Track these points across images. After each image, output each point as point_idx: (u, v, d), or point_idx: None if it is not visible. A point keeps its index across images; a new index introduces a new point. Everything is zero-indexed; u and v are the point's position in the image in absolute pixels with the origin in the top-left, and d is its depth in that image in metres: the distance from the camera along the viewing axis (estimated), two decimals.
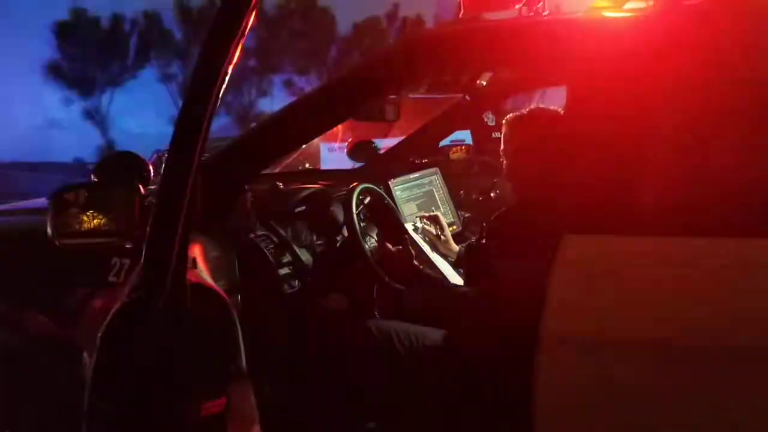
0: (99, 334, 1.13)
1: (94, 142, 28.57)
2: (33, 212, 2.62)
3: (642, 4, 1.52)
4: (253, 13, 1.13)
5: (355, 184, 2.38)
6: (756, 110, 1.27)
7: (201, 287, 1.16)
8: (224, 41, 1.11)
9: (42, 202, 2.65)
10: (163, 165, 1.15)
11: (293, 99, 1.87)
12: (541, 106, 1.96)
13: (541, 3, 1.67)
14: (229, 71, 1.16)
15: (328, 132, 2.06)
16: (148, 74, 29.10)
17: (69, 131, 28.51)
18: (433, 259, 2.40)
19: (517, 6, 1.70)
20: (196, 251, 1.35)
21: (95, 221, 1.63)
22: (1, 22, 28.65)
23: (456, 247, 2.51)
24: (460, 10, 1.81)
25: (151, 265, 1.12)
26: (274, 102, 27.85)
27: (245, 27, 1.11)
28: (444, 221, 2.59)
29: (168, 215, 1.10)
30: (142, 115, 31.53)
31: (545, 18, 1.59)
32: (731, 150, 1.27)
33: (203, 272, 1.27)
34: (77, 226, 1.63)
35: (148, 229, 1.13)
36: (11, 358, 2.10)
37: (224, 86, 1.14)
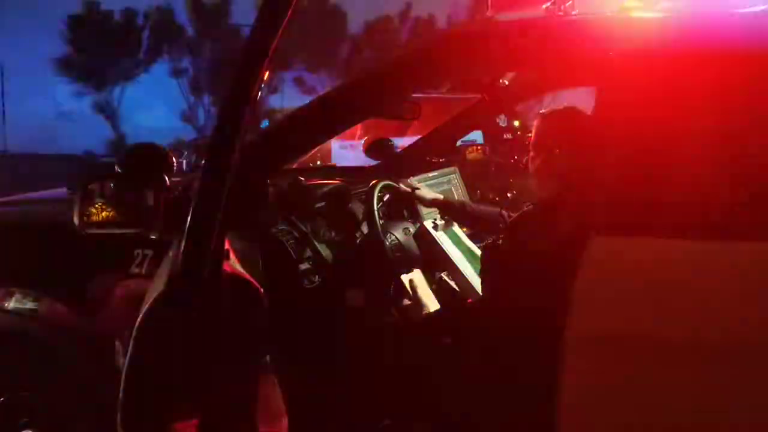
0: (136, 323, 1.13)
1: (105, 135, 28.70)
2: (46, 202, 2.64)
3: (673, 6, 1.51)
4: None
5: (375, 180, 2.37)
6: None
7: (237, 277, 1.16)
8: (264, 41, 1.12)
9: (55, 192, 2.67)
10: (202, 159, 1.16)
11: (304, 96, 1.87)
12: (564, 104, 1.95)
13: (570, 1, 1.66)
14: (266, 75, 1.17)
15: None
16: (160, 69, 29.20)
17: (80, 124, 28.61)
18: (452, 257, 2.39)
19: (544, 5, 1.69)
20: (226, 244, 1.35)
21: (120, 211, 1.64)
22: (14, 15, 28.80)
23: (432, 194, 2.51)
24: (487, 8, 1.80)
25: (189, 255, 1.12)
26: (284, 99, 27.86)
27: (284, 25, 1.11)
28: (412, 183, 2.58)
29: (207, 207, 1.10)
30: (153, 109, 31.57)
31: (579, 17, 1.58)
32: (764, 152, 1.26)
33: (236, 263, 1.27)
34: (102, 216, 1.63)
35: (188, 220, 1.13)
36: (30, 347, 2.11)
37: (263, 85, 1.15)
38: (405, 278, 2.28)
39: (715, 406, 1.22)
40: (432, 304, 2.29)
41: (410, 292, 2.28)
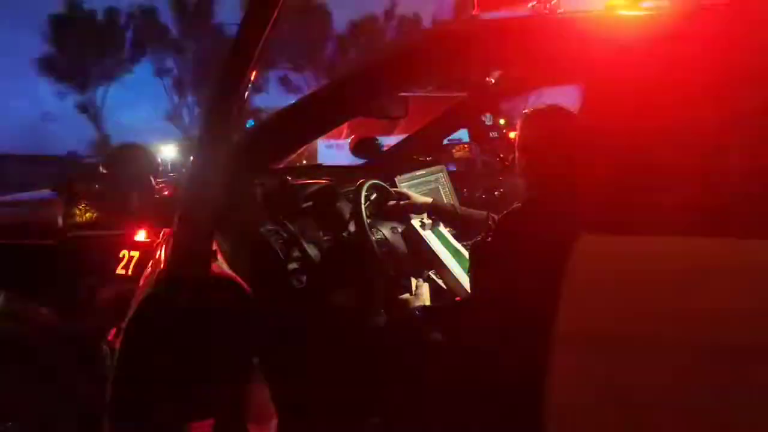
0: (124, 326, 1.12)
1: (89, 135, 28.47)
2: (32, 204, 2.61)
3: (658, 4, 1.52)
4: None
5: (363, 180, 2.37)
6: None
7: (224, 278, 1.16)
8: (251, 40, 1.11)
9: (40, 194, 2.64)
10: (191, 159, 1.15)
11: (290, 95, 1.87)
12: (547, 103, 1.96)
13: (555, 0, 1.66)
14: (253, 76, 1.17)
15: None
16: (143, 68, 29.00)
17: (63, 124, 28.36)
18: (440, 256, 2.39)
19: (530, 4, 1.70)
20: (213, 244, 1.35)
21: (105, 213, 1.63)
22: None
23: (422, 199, 2.52)
24: (472, 7, 1.80)
25: (177, 256, 1.11)
26: (269, 98, 27.73)
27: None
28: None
29: (195, 207, 1.09)
30: (137, 109, 31.39)
31: (566, 16, 1.59)
32: (751, 150, 1.27)
33: (224, 264, 1.26)
34: (87, 218, 1.62)
35: (175, 221, 1.12)
36: (14, 349, 2.08)
37: (250, 86, 1.14)
38: (414, 281, 2.29)
39: (706, 405, 1.23)
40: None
41: (414, 289, 2.29)
